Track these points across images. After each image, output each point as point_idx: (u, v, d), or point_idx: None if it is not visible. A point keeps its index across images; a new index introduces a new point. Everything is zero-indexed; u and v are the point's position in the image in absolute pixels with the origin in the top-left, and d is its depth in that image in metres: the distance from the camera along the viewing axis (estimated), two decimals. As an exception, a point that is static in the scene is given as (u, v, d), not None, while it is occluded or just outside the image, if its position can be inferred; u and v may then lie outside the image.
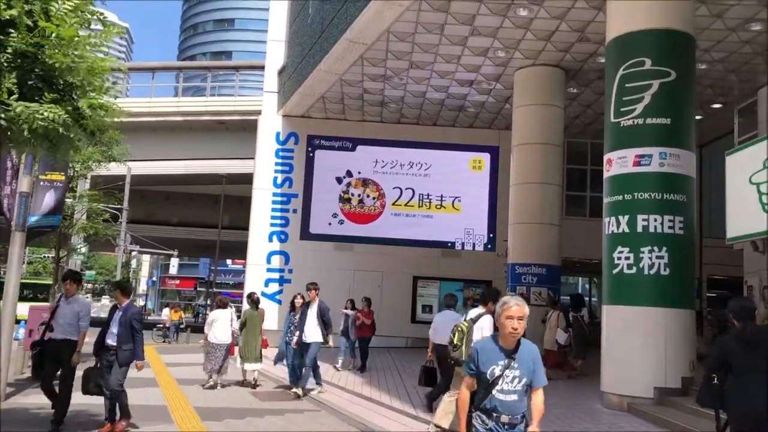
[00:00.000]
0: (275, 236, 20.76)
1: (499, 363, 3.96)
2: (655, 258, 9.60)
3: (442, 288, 21.29)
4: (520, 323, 3.94)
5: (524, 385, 3.99)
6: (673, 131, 9.92)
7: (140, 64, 36.07)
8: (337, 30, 15.05)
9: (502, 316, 3.97)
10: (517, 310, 3.96)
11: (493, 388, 3.94)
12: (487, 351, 4.04)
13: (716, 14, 12.93)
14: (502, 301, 4.03)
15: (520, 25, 14.06)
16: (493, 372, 3.94)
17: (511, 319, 3.93)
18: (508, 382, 3.94)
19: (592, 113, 18.98)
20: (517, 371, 3.96)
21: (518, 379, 3.96)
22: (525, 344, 4.06)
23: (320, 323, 11.14)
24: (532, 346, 4.12)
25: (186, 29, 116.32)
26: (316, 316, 11.18)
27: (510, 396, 3.95)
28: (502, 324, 3.98)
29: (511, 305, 3.97)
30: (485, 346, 4.10)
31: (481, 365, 4.00)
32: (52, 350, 7.98)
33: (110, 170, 19.70)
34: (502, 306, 4.01)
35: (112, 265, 69.41)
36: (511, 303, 3.98)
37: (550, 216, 15.89)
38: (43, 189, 14.75)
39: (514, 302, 3.99)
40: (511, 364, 3.96)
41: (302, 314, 11.43)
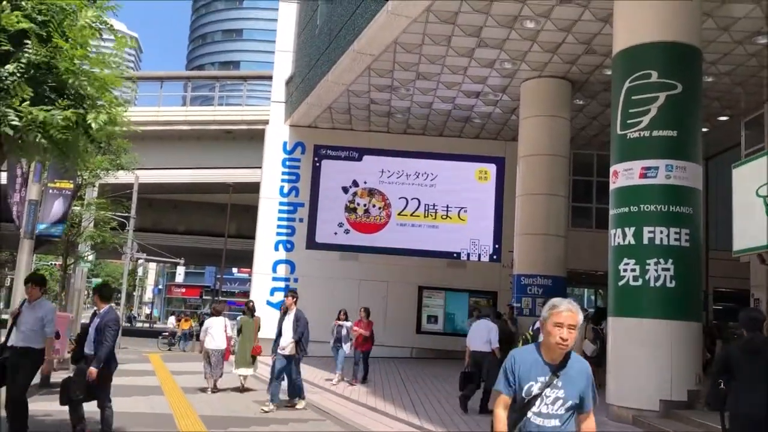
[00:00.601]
0: (281, 245, 20.82)
1: (538, 379, 3.29)
2: (661, 270, 9.58)
3: (448, 298, 21.29)
4: (571, 333, 3.26)
5: (569, 409, 3.29)
6: (679, 144, 9.93)
7: (149, 74, 36.36)
8: (345, 41, 15.15)
9: (549, 322, 3.30)
10: (568, 316, 3.27)
11: (528, 410, 3.28)
12: (526, 362, 3.34)
13: (723, 27, 12.97)
14: (551, 304, 3.37)
15: (526, 37, 14.13)
16: (530, 390, 3.28)
17: (560, 327, 3.26)
18: (548, 403, 3.27)
19: (598, 125, 19.01)
20: (561, 391, 3.28)
21: (561, 402, 3.27)
22: (575, 360, 3.36)
23: (296, 333, 10.56)
24: (583, 363, 3.41)
25: (194, 39, 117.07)
26: (292, 327, 10.63)
27: (550, 421, 3.26)
28: (548, 332, 3.31)
29: (561, 309, 3.30)
30: (525, 355, 3.39)
31: (517, 379, 3.33)
32: (11, 359, 7.31)
33: (118, 178, 19.80)
34: (549, 310, 3.34)
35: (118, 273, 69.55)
36: (561, 307, 3.31)
37: (556, 227, 15.89)
38: (51, 197, 14.87)
39: (565, 306, 3.31)
40: (554, 382, 3.28)
41: (279, 324, 10.85)
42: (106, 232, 19.75)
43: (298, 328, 10.56)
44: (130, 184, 25.40)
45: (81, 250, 20.19)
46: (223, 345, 12.69)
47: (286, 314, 10.83)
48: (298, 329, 10.55)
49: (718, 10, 12.34)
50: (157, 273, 79.12)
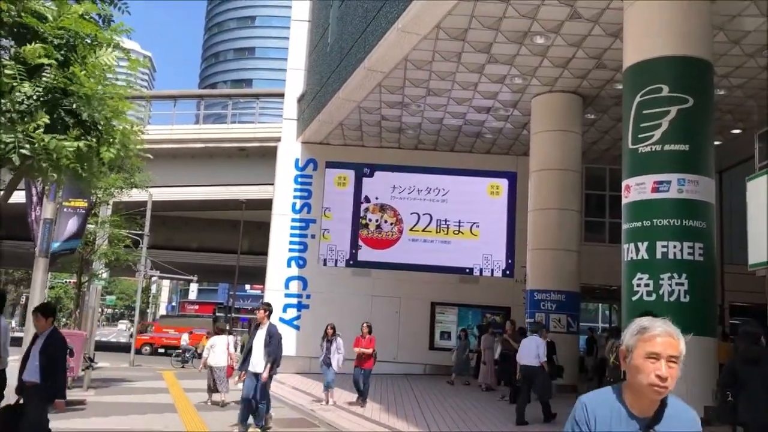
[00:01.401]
0: (293, 262, 20.85)
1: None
2: (675, 285, 9.50)
3: (460, 314, 21.20)
4: (672, 369, 2.21)
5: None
6: (691, 157, 9.88)
7: (162, 92, 36.74)
8: (356, 58, 15.26)
9: (638, 352, 2.26)
10: (667, 343, 2.24)
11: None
12: (604, 415, 2.28)
13: (734, 40, 12.95)
14: (639, 326, 2.31)
15: (536, 52, 14.16)
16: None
17: (655, 360, 2.21)
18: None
19: (610, 139, 18.97)
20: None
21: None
22: (676, 408, 2.29)
23: (266, 351, 9.48)
24: (689, 413, 2.32)
25: (207, 57, 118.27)
26: (264, 344, 9.56)
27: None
28: (635, 367, 2.25)
29: (656, 333, 2.25)
30: (601, 404, 2.32)
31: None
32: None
33: (131, 197, 19.97)
34: (637, 334, 2.30)
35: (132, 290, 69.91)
36: (654, 329, 2.26)
37: (568, 242, 15.83)
38: (66, 215, 15.00)
39: (660, 329, 2.26)
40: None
41: (250, 339, 9.95)
42: (119, 250, 19.89)
43: (269, 345, 9.47)
44: (144, 201, 25.59)
45: (95, 268, 20.32)
46: (224, 362, 13.39)
47: (258, 329, 9.82)
48: (270, 347, 9.46)
49: (729, 24, 12.33)
50: (170, 290, 79.44)
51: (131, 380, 18.34)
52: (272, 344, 9.46)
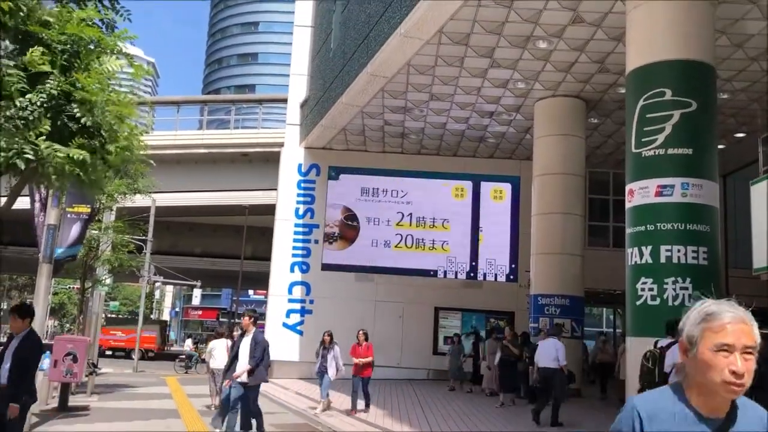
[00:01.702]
0: (297, 267, 20.84)
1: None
2: (680, 289, 9.47)
3: (464, 319, 21.16)
4: (748, 362, 1.88)
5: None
6: (695, 161, 9.85)
7: (166, 98, 36.84)
8: (359, 63, 15.28)
9: (705, 344, 1.90)
10: (741, 331, 1.88)
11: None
12: (665, 418, 1.93)
13: (737, 44, 12.93)
14: (703, 313, 1.92)
15: (539, 57, 14.16)
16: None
17: (728, 353, 1.87)
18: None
19: (613, 143, 18.94)
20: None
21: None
22: (744, 403, 1.96)
23: (252, 359, 9.21)
24: (756, 408, 2.00)
25: (210, 63, 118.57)
26: (249, 351, 9.27)
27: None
28: (704, 363, 1.90)
29: (726, 321, 1.88)
30: (658, 406, 1.96)
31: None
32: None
33: (135, 202, 20.02)
34: (703, 322, 1.92)
35: (135, 295, 69.92)
36: (723, 316, 1.89)
37: (572, 246, 15.80)
38: (69, 221, 15.03)
39: (730, 314, 1.89)
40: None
41: (234, 347, 9.64)
42: (123, 255, 19.92)
43: (255, 352, 9.22)
44: (148, 207, 25.64)
45: (99, 274, 20.35)
46: (223, 366, 13.32)
47: (244, 336, 9.52)
48: (256, 354, 9.22)
49: (732, 28, 12.32)
50: (174, 295, 79.46)
51: (135, 386, 18.34)
52: (257, 351, 9.21)
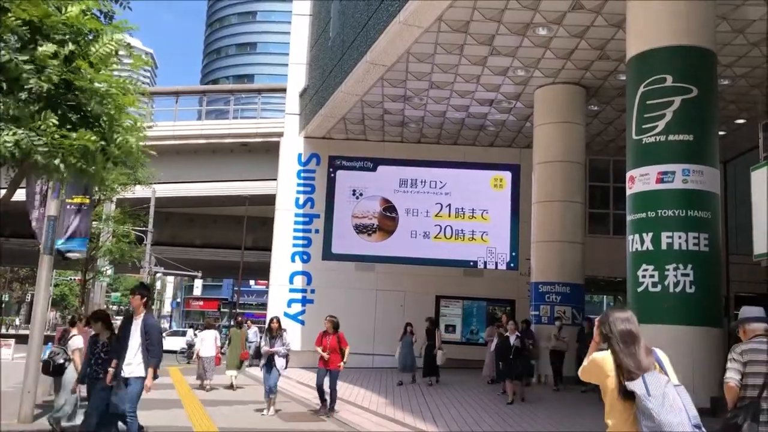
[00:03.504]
0: (297, 257, 20.85)
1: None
2: (681, 276, 9.48)
3: (465, 307, 21.20)
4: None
5: None
6: (696, 148, 9.84)
7: (164, 89, 36.77)
8: (358, 52, 15.22)
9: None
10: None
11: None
12: None
13: (737, 30, 12.87)
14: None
15: (539, 44, 14.11)
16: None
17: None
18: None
19: (613, 130, 18.90)
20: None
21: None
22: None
23: (143, 350, 7.35)
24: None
25: (209, 53, 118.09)
26: (139, 339, 7.40)
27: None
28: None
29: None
30: None
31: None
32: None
33: (135, 193, 20.00)
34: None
35: (137, 286, 70.00)
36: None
37: (573, 234, 15.80)
38: (69, 212, 15.00)
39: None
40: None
41: (122, 334, 7.59)
42: (125, 246, 19.93)
43: (148, 340, 7.37)
44: (148, 198, 25.62)
45: (100, 265, 20.36)
46: (213, 352, 15.60)
47: (131, 321, 7.56)
48: (149, 344, 7.37)
49: (733, 13, 12.26)
50: (175, 286, 79.59)
51: (137, 376, 18.36)
52: (152, 341, 7.39)
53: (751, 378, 4.62)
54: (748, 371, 4.65)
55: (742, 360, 4.72)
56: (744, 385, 4.66)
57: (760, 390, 4.56)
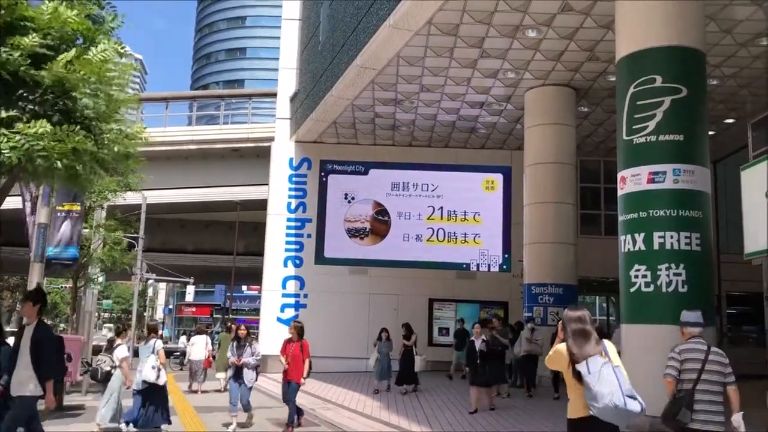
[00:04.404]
0: (290, 261, 20.80)
1: None
2: (673, 275, 9.50)
3: (459, 310, 21.20)
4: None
5: None
6: (686, 147, 9.87)
7: (154, 95, 36.62)
8: (348, 56, 15.22)
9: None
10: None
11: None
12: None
13: (726, 30, 12.95)
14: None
15: (529, 46, 14.14)
16: None
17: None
18: None
19: (603, 131, 18.97)
20: None
21: None
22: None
23: (34, 364, 6.41)
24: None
25: (199, 59, 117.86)
26: (29, 351, 6.48)
27: None
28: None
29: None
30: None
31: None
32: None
33: (126, 200, 19.90)
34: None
35: (128, 293, 69.68)
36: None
37: (565, 235, 15.83)
38: (59, 220, 14.93)
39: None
40: None
41: (14, 347, 6.75)
42: (116, 253, 19.80)
43: (38, 353, 6.43)
44: (138, 204, 25.51)
45: (91, 273, 20.24)
46: (202, 356, 16.32)
47: (24, 330, 6.73)
48: (41, 358, 6.44)
49: (720, 13, 12.33)
50: (167, 293, 79.24)
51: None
52: (42, 353, 6.44)
53: (687, 373, 5.47)
54: (684, 368, 5.48)
55: (680, 358, 5.58)
56: (681, 380, 5.50)
57: (693, 383, 5.40)
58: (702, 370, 5.41)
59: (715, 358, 5.51)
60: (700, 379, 5.39)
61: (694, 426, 5.36)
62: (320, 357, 19.59)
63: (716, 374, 5.44)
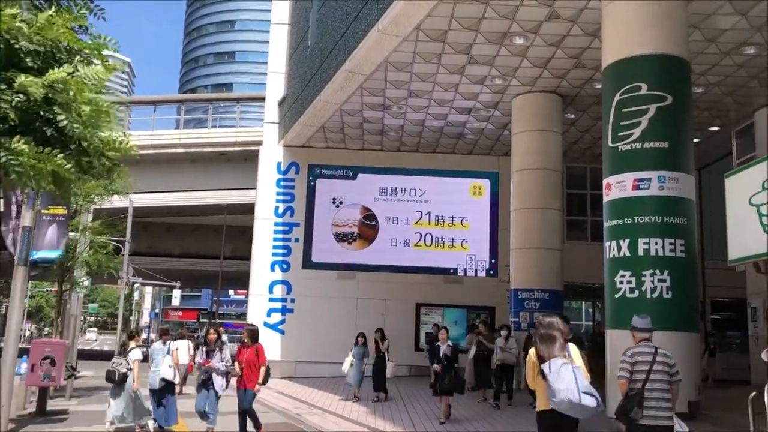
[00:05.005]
0: (277, 266, 20.76)
1: None
2: (657, 281, 9.59)
3: (446, 315, 21.23)
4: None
5: None
6: (671, 155, 9.98)
7: (142, 98, 36.53)
8: (337, 61, 15.25)
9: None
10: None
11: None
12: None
13: (710, 39, 13.10)
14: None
15: (516, 53, 14.23)
16: None
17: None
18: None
19: (590, 138, 19.10)
20: None
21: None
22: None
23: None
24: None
25: (187, 62, 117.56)
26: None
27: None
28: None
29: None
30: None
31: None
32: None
33: (113, 203, 19.77)
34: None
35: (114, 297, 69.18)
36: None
37: (551, 241, 15.91)
38: (45, 223, 14.82)
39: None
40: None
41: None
42: (102, 256, 19.65)
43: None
44: (125, 208, 25.36)
45: (76, 276, 20.06)
46: (185, 361, 16.00)
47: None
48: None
49: (705, 22, 12.47)
50: (153, 297, 78.73)
51: (115, 388, 18.13)
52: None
53: (638, 374, 5.93)
54: (635, 369, 5.94)
55: (631, 361, 6.01)
56: (633, 380, 5.92)
57: (642, 383, 5.86)
58: (650, 370, 5.90)
59: (662, 359, 6.01)
60: (649, 378, 5.87)
61: (645, 422, 5.79)
62: (307, 362, 19.65)
63: (663, 374, 5.94)
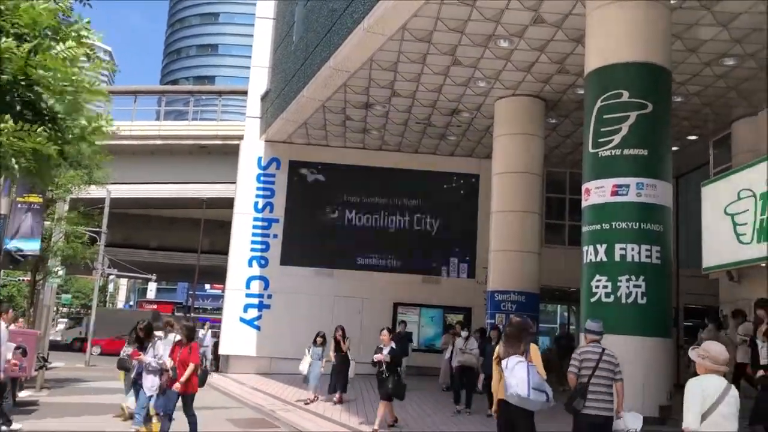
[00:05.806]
0: (255, 261, 20.66)
1: None
2: (633, 287, 9.69)
3: (423, 314, 21.29)
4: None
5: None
6: (650, 162, 10.09)
7: (122, 88, 36.10)
8: (321, 57, 15.20)
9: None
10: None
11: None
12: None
13: (691, 49, 13.27)
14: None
15: (500, 56, 14.30)
16: None
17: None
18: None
19: (570, 143, 19.25)
20: None
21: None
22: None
23: None
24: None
25: (169, 53, 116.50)
26: None
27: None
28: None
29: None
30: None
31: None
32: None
33: (90, 193, 19.56)
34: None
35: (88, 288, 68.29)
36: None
37: (530, 244, 16.00)
38: (20, 211, 14.63)
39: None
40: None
41: None
42: (77, 246, 19.44)
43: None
44: (102, 198, 25.09)
45: (50, 266, 19.82)
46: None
47: None
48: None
49: (687, 33, 12.63)
50: (128, 289, 77.99)
51: (86, 380, 17.97)
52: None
53: (585, 370, 6.70)
54: (583, 366, 6.70)
55: (579, 359, 6.77)
56: (580, 375, 6.69)
57: (587, 378, 6.61)
58: (596, 368, 6.65)
59: (607, 359, 6.72)
60: (594, 375, 6.61)
61: (587, 411, 6.57)
62: (282, 358, 19.54)
63: (607, 371, 6.67)
